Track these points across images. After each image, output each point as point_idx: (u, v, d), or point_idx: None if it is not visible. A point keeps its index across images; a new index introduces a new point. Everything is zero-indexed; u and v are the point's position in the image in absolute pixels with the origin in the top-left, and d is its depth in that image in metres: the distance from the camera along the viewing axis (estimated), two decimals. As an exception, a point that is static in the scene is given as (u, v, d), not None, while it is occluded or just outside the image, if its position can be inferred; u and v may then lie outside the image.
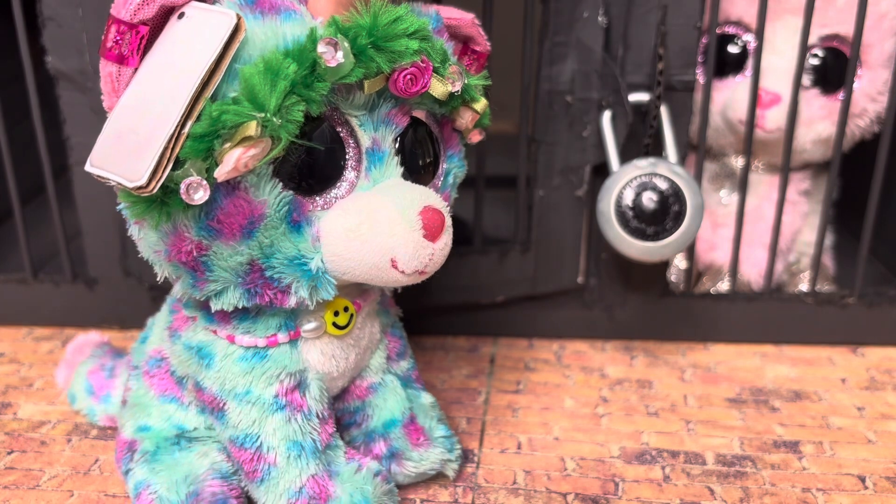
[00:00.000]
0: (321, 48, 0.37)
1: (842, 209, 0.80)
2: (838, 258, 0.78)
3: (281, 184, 0.40)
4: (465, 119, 0.46)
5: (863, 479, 0.54)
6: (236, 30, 0.37)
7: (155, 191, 0.37)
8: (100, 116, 0.62)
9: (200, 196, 0.37)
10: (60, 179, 0.70)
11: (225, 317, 0.46)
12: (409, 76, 0.41)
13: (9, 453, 0.57)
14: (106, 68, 0.38)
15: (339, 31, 0.38)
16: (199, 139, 0.36)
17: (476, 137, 0.49)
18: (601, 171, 0.65)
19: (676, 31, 0.62)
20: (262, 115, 0.36)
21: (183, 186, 0.37)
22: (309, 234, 0.41)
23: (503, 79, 0.67)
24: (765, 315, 0.71)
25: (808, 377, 0.67)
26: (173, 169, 0.37)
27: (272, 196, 0.39)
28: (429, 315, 0.72)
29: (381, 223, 0.41)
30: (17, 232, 0.71)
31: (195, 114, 0.36)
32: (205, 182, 0.37)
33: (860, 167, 0.75)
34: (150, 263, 0.43)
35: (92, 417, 0.59)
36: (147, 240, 0.42)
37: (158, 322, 0.52)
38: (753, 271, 0.72)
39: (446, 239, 0.43)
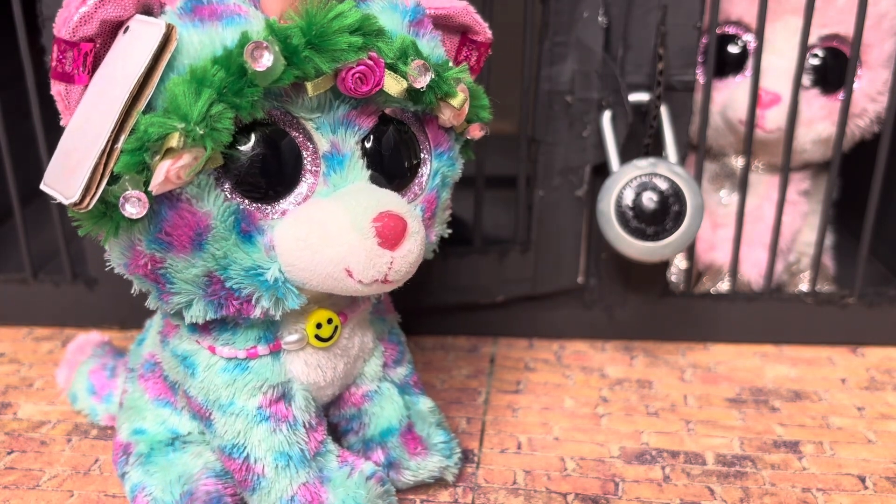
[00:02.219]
0: (247, 52, 0.36)
1: (842, 209, 0.80)
2: (838, 258, 0.78)
3: (226, 194, 0.39)
4: (447, 115, 0.44)
5: (863, 479, 0.54)
6: (167, 40, 0.36)
7: (90, 207, 0.36)
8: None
9: (136, 211, 0.37)
10: (60, 179, 0.70)
11: (205, 328, 0.45)
12: (357, 75, 0.38)
13: (9, 453, 0.57)
14: (54, 87, 0.38)
15: (272, 32, 0.36)
16: (130, 153, 0.36)
17: (477, 132, 0.47)
18: (601, 171, 0.65)
19: (676, 31, 0.62)
20: (184, 125, 0.35)
21: (121, 201, 0.37)
22: (261, 243, 0.40)
23: (503, 79, 0.67)
24: (765, 315, 0.71)
25: (808, 377, 0.67)
26: (111, 184, 0.36)
27: (216, 207, 0.38)
28: (429, 315, 0.72)
29: (332, 232, 0.39)
30: (17, 232, 0.71)
31: (127, 128, 0.36)
32: (142, 195, 0.37)
33: (860, 167, 0.75)
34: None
35: (94, 417, 0.59)
36: (112, 254, 0.42)
37: (153, 325, 0.52)
38: (753, 271, 0.72)
39: (409, 246, 0.40)
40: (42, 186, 0.38)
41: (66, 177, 0.37)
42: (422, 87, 0.41)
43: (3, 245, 0.83)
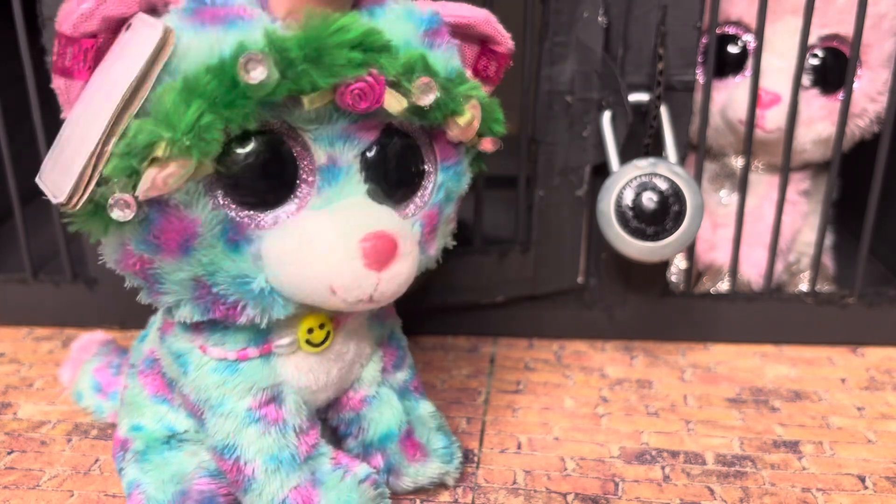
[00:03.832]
0: (241, 64, 0.35)
1: (842, 209, 0.80)
2: (838, 258, 0.78)
3: (215, 201, 0.38)
4: (454, 132, 0.42)
5: (863, 479, 0.54)
6: (164, 44, 0.35)
7: (77, 208, 0.36)
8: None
9: (123, 214, 0.37)
10: (60, 179, 0.70)
11: (197, 327, 0.45)
12: (356, 91, 0.37)
13: (9, 453, 0.57)
14: (55, 81, 0.38)
15: (270, 43, 0.35)
16: (120, 157, 0.35)
17: (489, 146, 0.45)
18: (601, 171, 0.65)
19: (676, 31, 0.62)
20: (171, 134, 0.35)
21: (109, 203, 0.36)
22: (249, 253, 0.39)
23: (503, 79, 0.67)
24: (765, 315, 0.71)
25: (808, 377, 0.67)
26: (101, 185, 0.36)
27: (204, 214, 0.38)
28: (429, 315, 0.72)
29: (319, 249, 0.38)
30: (17, 232, 0.71)
31: (118, 131, 0.35)
32: (130, 199, 0.36)
33: (860, 167, 0.75)
34: None
35: (100, 414, 0.59)
36: (104, 250, 0.41)
37: (155, 321, 0.52)
38: (753, 271, 0.72)
39: (399, 267, 0.40)
40: (37, 180, 0.38)
41: (57, 174, 0.37)
42: (426, 105, 0.40)
43: (3, 245, 0.83)
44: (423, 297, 0.70)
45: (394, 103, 0.39)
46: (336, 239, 0.39)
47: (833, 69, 0.68)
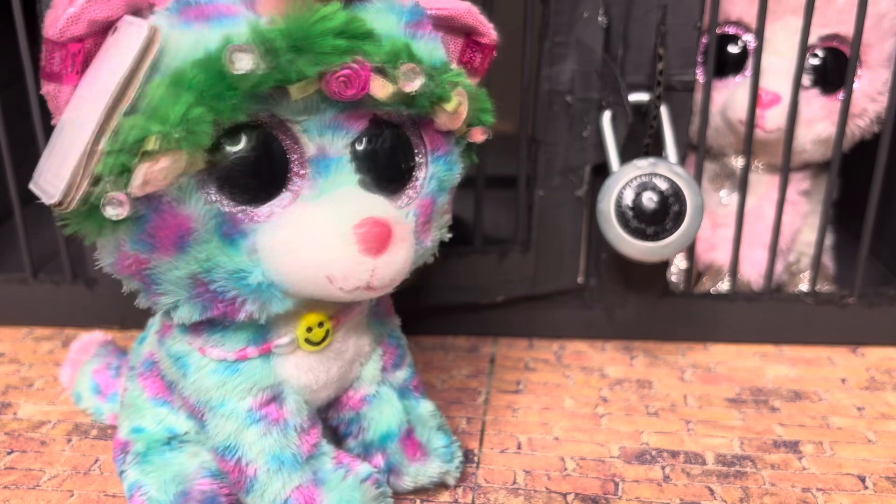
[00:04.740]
0: (227, 55, 0.35)
1: (842, 209, 0.80)
2: (838, 258, 0.78)
3: (208, 196, 0.38)
4: (442, 120, 0.43)
5: (863, 479, 0.54)
6: (150, 42, 0.35)
7: (71, 208, 0.36)
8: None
9: (117, 213, 0.37)
10: (60, 179, 0.70)
11: (196, 328, 0.45)
12: (342, 78, 0.38)
13: (9, 453, 0.57)
14: (44, 87, 0.38)
15: (256, 35, 0.36)
16: (112, 155, 0.35)
17: (479, 136, 0.46)
18: (601, 171, 0.65)
19: (676, 31, 0.62)
20: (161, 128, 0.35)
21: (102, 202, 0.36)
22: (244, 247, 0.40)
23: (503, 79, 0.67)
24: (765, 315, 0.71)
25: (808, 377, 0.67)
26: (94, 185, 0.36)
27: (197, 210, 0.38)
28: (429, 315, 0.72)
29: (314, 238, 0.39)
30: (17, 232, 0.71)
31: (109, 129, 0.35)
32: (124, 197, 0.36)
33: (860, 167, 0.75)
34: None
35: (98, 416, 0.59)
36: (99, 253, 0.41)
37: (153, 324, 0.52)
38: (753, 271, 0.72)
39: (394, 254, 0.40)
40: (30, 185, 0.38)
41: (51, 177, 0.37)
42: (412, 92, 0.40)
43: (3, 245, 0.83)
44: (420, 294, 0.70)
45: (379, 89, 0.39)
46: (330, 227, 0.39)
47: (833, 69, 0.68)
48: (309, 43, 0.36)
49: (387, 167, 0.42)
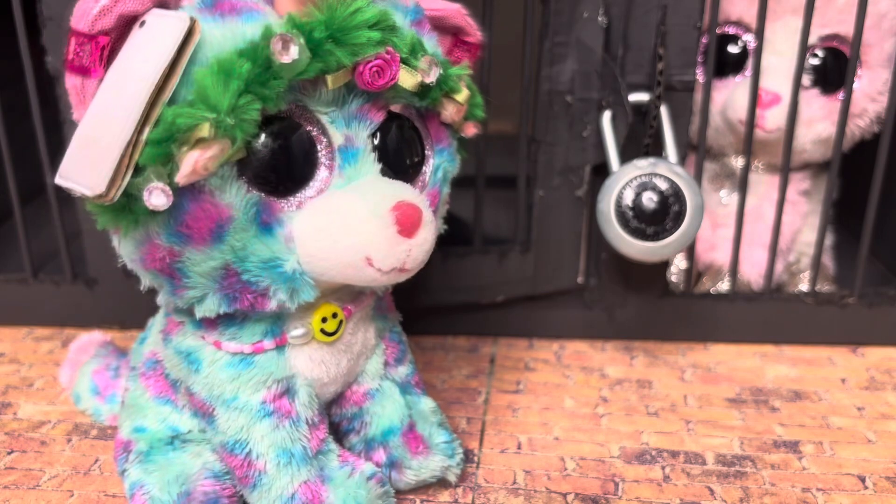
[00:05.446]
0: (274, 45, 0.37)
1: (842, 209, 0.80)
2: (838, 258, 0.78)
3: (247, 185, 0.39)
4: (450, 111, 0.45)
5: (863, 479, 0.54)
6: (190, 33, 0.36)
7: (115, 199, 0.37)
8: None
9: (162, 202, 0.37)
10: (60, 179, 0.70)
11: (211, 323, 0.45)
12: (374, 68, 0.40)
13: (9, 453, 0.57)
14: (70, 81, 0.38)
15: (294, 26, 0.38)
16: (156, 144, 0.36)
17: (471, 130, 0.48)
18: (601, 171, 0.65)
19: (676, 31, 0.62)
20: (215, 115, 0.36)
21: (145, 193, 0.37)
22: (281, 235, 0.41)
23: (503, 79, 0.67)
24: (765, 315, 0.71)
25: (808, 377, 0.67)
26: (135, 176, 0.37)
27: (238, 198, 0.39)
28: (429, 315, 0.72)
29: (352, 221, 0.40)
30: (17, 232, 0.71)
31: (152, 119, 0.36)
32: (167, 187, 0.37)
33: (860, 167, 0.75)
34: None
35: (97, 417, 0.59)
36: (124, 249, 0.42)
37: (155, 324, 0.52)
38: (753, 271, 0.72)
39: (425, 234, 0.42)
40: (57, 180, 0.38)
41: (87, 169, 0.37)
42: (431, 82, 0.42)
43: (3, 245, 0.83)
44: (420, 293, 0.70)
45: (408, 78, 0.41)
46: (368, 210, 0.40)
47: (833, 69, 0.68)
48: (346, 34, 0.39)
49: (401, 158, 0.44)
